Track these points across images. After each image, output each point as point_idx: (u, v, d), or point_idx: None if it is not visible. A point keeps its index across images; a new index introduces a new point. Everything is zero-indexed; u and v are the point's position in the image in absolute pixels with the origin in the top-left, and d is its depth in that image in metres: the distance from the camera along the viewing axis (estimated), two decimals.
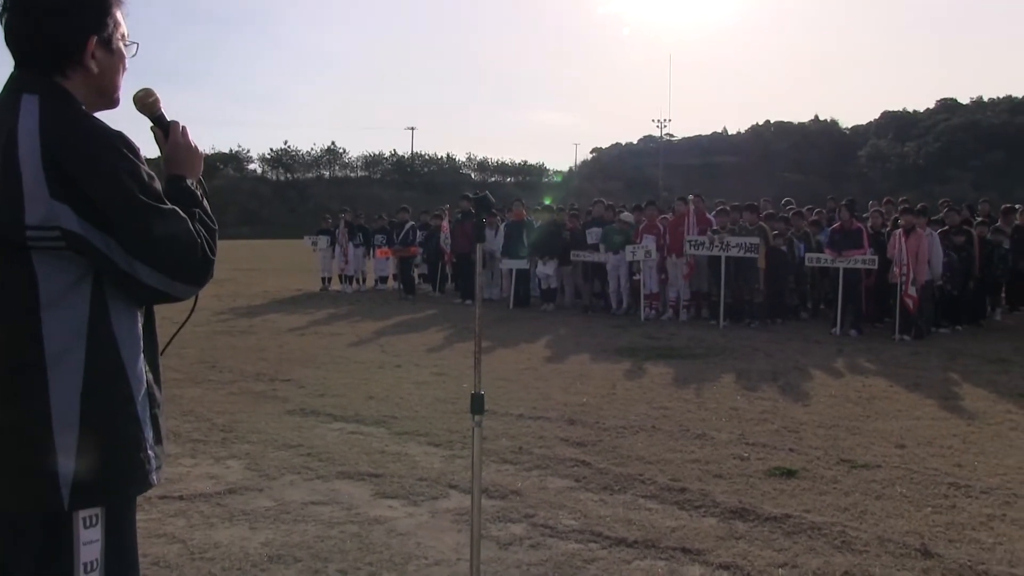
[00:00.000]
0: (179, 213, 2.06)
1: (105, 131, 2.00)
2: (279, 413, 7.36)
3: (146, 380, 2.10)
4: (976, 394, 8.33)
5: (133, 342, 2.07)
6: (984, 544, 4.46)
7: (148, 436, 2.09)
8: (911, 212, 12.46)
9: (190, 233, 2.06)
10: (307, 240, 21.99)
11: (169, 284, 2.05)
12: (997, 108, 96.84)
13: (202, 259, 2.09)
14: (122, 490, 2.06)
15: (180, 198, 2.15)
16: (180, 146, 2.28)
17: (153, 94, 2.30)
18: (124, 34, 2.19)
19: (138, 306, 2.10)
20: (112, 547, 2.04)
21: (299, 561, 4.18)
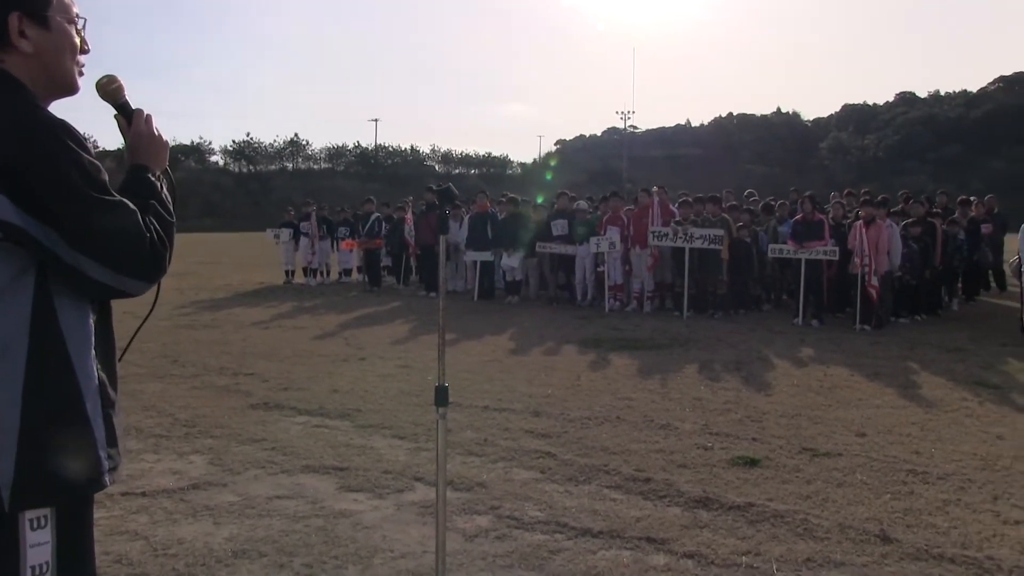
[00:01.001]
0: (127, 205, 1.98)
1: (46, 120, 1.92)
2: (243, 407, 7.31)
3: (97, 378, 2.01)
4: (934, 382, 8.46)
5: (83, 338, 1.99)
6: (940, 528, 4.54)
7: (99, 436, 2.00)
8: (871, 204, 12.63)
9: (138, 226, 1.99)
10: (269, 233, 21.82)
11: (116, 279, 1.97)
12: (953, 102, 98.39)
13: (151, 253, 2.02)
14: (70, 491, 1.97)
15: (138, 189, 2.09)
16: (143, 135, 2.22)
17: (116, 80, 2.23)
18: (71, 13, 2.09)
19: (88, 301, 2.02)
20: (65, 549, 1.96)
21: (264, 556, 4.15)
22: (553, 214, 15.84)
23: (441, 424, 3.34)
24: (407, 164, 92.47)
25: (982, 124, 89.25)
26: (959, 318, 13.81)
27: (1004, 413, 7.21)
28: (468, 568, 4.03)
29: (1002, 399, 7.74)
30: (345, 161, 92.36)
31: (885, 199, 13.91)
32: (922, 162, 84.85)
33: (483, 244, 16.15)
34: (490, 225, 16.30)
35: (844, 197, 15.86)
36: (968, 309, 15.06)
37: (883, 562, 4.10)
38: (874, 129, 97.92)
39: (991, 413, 7.20)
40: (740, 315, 13.62)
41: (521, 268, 16.10)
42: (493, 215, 16.78)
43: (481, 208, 16.83)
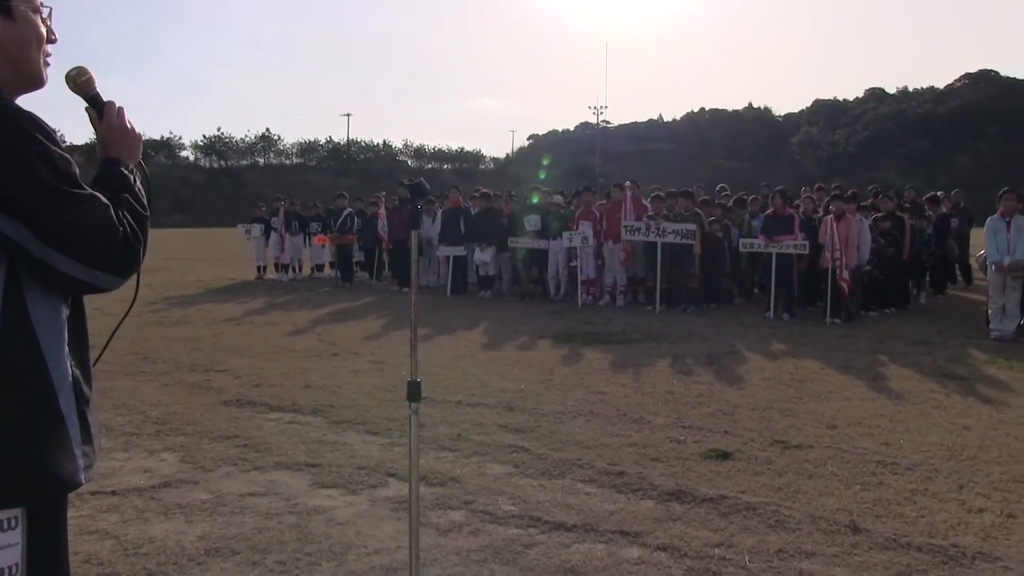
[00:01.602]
0: (99, 199, 1.95)
1: (13, 112, 1.87)
2: (214, 404, 7.27)
3: (72, 374, 1.97)
4: (903, 375, 8.56)
5: (55, 334, 1.95)
6: (908, 518, 4.61)
7: (74, 434, 1.96)
8: (841, 198, 12.74)
9: (110, 220, 1.95)
10: (240, 228, 21.67)
11: (88, 273, 1.93)
12: (921, 98, 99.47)
13: (124, 247, 1.98)
14: (43, 490, 1.92)
15: (110, 182, 2.05)
16: (115, 128, 2.18)
17: (86, 72, 2.19)
18: (36, 2, 2.04)
19: (60, 297, 1.98)
20: (37, 550, 1.91)
21: (237, 554, 4.14)
22: (526, 209, 15.85)
23: (414, 419, 3.34)
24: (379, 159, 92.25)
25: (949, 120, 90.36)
26: (927, 311, 13.97)
27: (969, 404, 7.31)
28: (442, 563, 4.04)
29: (968, 390, 7.85)
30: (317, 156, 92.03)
31: (855, 194, 14.03)
32: (891, 157, 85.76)
33: (456, 239, 16.14)
34: (463, 220, 16.29)
35: (814, 192, 16.01)
36: (936, 302, 15.24)
37: (853, 552, 4.15)
38: (844, 124, 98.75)
39: (957, 404, 7.30)
40: (712, 309, 13.70)
41: (494, 263, 16.10)
42: (466, 210, 16.77)
43: (454, 203, 16.83)
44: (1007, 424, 6.63)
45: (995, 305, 11.07)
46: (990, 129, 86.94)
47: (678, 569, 3.97)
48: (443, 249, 16.52)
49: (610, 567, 3.99)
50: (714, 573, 3.92)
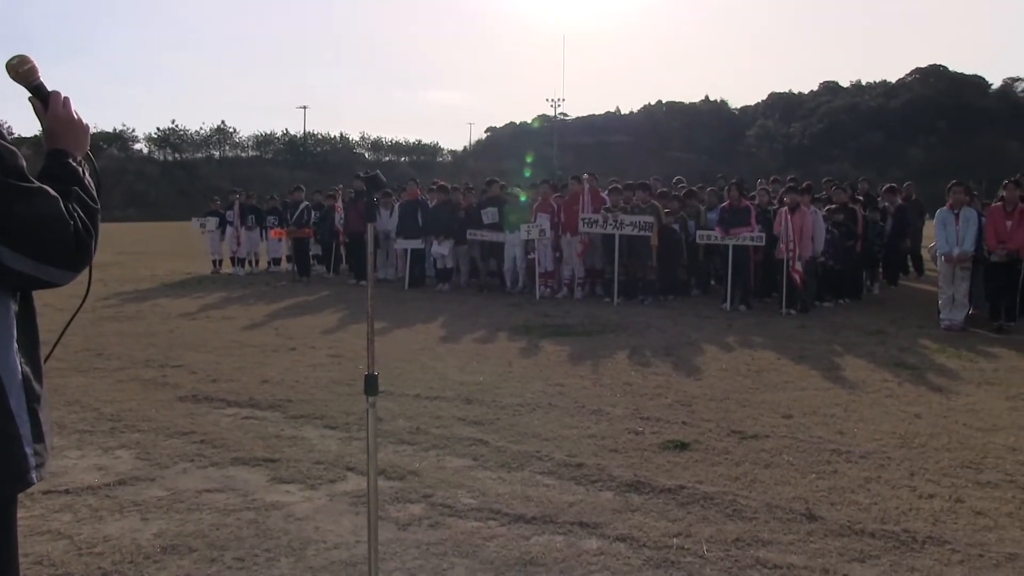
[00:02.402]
0: (48, 192, 1.91)
1: None
2: (170, 400, 7.18)
3: (21, 372, 1.94)
4: (856, 364, 8.69)
5: (3, 331, 1.91)
6: (861, 505, 4.69)
7: (24, 432, 1.93)
8: (795, 190, 12.89)
9: (60, 213, 1.91)
10: (195, 222, 21.39)
11: (37, 268, 1.89)
12: (874, 92, 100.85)
13: (75, 241, 1.94)
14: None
15: (59, 174, 2.01)
16: (61, 119, 2.13)
17: (29, 61, 2.14)
18: None
19: (9, 293, 1.93)
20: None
21: (194, 551, 4.10)
22: (483, 201, 15.84)
23: (371, 413, 3.33)
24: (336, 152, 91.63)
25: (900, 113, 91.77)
26: (880, 302, 14.20)
27: (921, 393, 7.45)
28: (402, 557, 4.04)
29: (919, 379, 7.99)
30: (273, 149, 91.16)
31: (809, 186, 14.20)
32: (845, 150, 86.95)
33: (413, 232, 16.09)
34: (420, 213, 16.23)
35: (770, 184, 16.16)
36: (889, 293, 15.50)
37: (808, 539, 4.22)
38: (800, 117, 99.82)
39: (909, 393, 7.44)
40: (669, 301, 13.79)
41: (451, 256, 16.07)
42: (423, 203, 16.72)
43: (411, 196, 16.76)
44: (956, 412, 6.77)
45: (945, 295, 11.28)
46: (940, 123, 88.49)
47: (637, 559, 4.00)
48: (400, 242, 16.46)
49: (569, 558, 4.01)
50: (672, 563, 3.96)
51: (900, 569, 3.89)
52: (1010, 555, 4.04)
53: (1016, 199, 10.97)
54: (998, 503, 4.74)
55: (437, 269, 16.35)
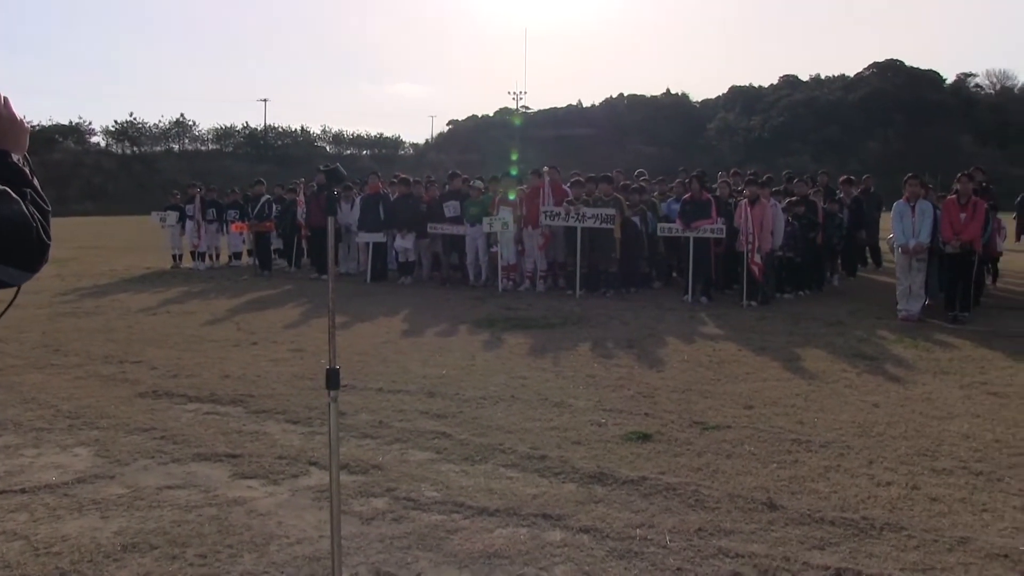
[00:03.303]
0: (10, 194, 1.88)
1: None
2: (130, 396, 7.11)
3: None
4: (816, 355, 8.81)
5: None
6: (821, 494, 4.76)
7: None
8: (755, 183, 13.00)
9: (23, 215, 1.89)
10: (155, 216, 21.13)
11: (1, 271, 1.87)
12: (833, 86, 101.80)
13: (37, 242, 1.92)
14: None
15: (10, 176, 1.97)
16: (3, 118, 2.07)
17: None
18: None
19: None
20: None
21: (156, 548, 4.06)
22: (446, 194, 15.80)
23: (333, 407, 3.32)
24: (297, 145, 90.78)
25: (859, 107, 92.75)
26: (839, 293, 14.37)
27: (879, 383, 7.57)
28: (366, 551, 4.03)
29: (877, 370, 8.12)
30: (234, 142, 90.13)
31: (769, 179, 14.34)
32: (804, 143, 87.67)
33: (375, 225, 16.02)
34: (382, 206, 16.16)
35: (731, 177, 16.28)
36: (848, 285, 15.70)
37: (770, 528, 4.27)
38: (760, 111, 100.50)
39: (868, 383, 7.55)
40: (631, 293, 13.87)
41: (414, 249, 16.03)
42: (385, 196, 16.65)
43: (373, 189, 16.68)
44: (913, 401, 6.89)
45: (902, 286, 11.45)
46: (896, 117, 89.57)
47: (600, 550, 4.03)
48: (362, 236, 16.37)
49: (533, 550, 4.03)
50: (636, 554, 3.99)
51: (859, 555, 3.95)
52: (962, 539, 4.13)
53: (969, 192, 11.16)
54: (952, 489, 4.84)
55: (399, 262, 16.30)
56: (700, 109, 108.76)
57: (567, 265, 14.50)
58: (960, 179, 11.44)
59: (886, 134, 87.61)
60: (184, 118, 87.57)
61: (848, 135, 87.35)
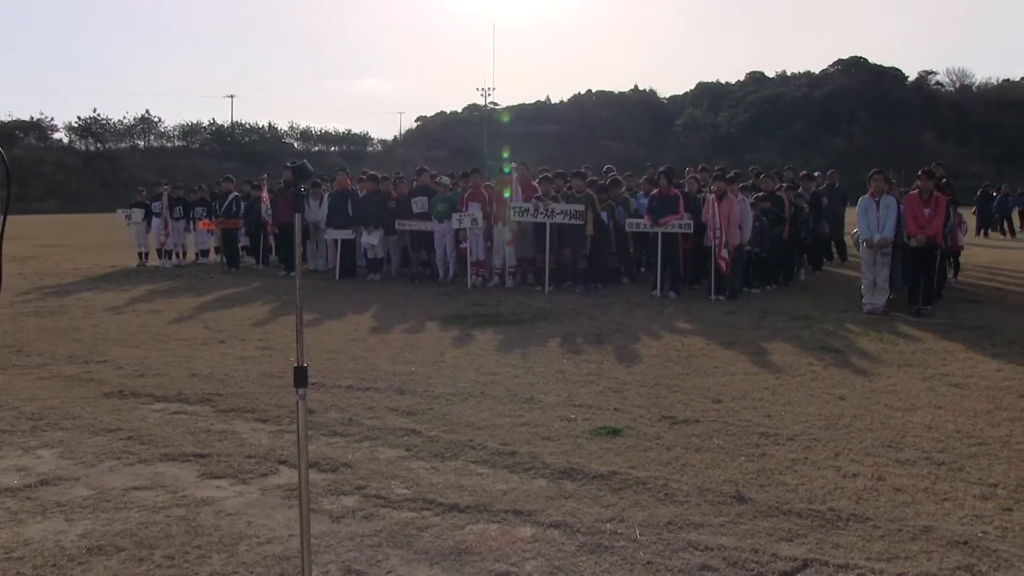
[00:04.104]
0: None
1: None
2: (95, 396, 7.02)
3: None
4: (783, 349, 8.89)
5: None
6: (789, 486, 4.81)
7: None
8: (722, 179, 13.08)
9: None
10: (120, 214, 20.90)
11: None
12: (799, 82, 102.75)
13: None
14: None
15: None
16: None
17: None
18: None
19: None
20: None
21: (122, 551, 4.02)
22: (413, 191, 15.77)
23: (301, 405, 3.30)
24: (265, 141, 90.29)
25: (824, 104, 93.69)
26: (806, 288, 14.52)
27: (845, 375, 7.65)
28: (336, 549, 4.01)
29: (843, 362, 8.21)
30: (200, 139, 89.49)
31: (737, 174, 14.44)
32: (770, 139, 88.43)
33: (343, 222, 15.96)
34: (350, 203, 16.10)
35: (698, 172, 16.36)
36: (814, 279, 15.86)
37: (738, 521, 4.30)
38: (727, 107, 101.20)
39: (834, 376, 7.63)
40: (600, 289, 13.91)
41: (382, 246, 15.98)
42: (354, 192, 16.60)
43: (341, 186, 16.62)
44: (878, 393, 6.97)
45: (867, 280, 11.58)
46: (860, 113, 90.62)
47: (571, 545, 4.04)
48: (331, 232, 16.32)
49: (504, 546, 4.03)
50: (606, 548, 4.01)
51: (825, 546, 4.00)
52: (925, 528, 4.20)
53: (931, 188, 11.32)
54: (916, 479, 4.91)
55: (368, 259, 16.25)
56: (668, 105, 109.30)
57: (536, 261, 14.52)
58: (921, 175, 11.59)
59: (851, 130, 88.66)
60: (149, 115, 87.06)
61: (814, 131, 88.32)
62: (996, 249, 23.38)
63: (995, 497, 4.65)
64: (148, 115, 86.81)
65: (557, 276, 13.90)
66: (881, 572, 3.73)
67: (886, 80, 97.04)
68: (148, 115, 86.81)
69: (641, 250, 15.08)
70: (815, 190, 16.83)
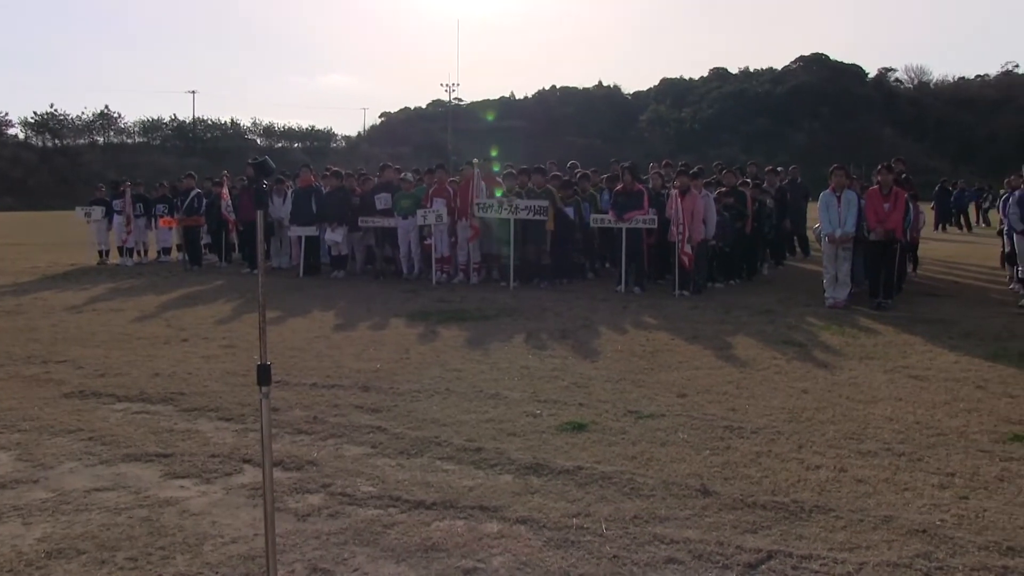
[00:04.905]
0: None
1: None
2: (55, 397, 6.92)
3: None
4: (747, 343, 8.96)
5: None
6: (753, 478, 4.85)
7: None
8: (686, 174, 13.15)
9: None
10: (79, 211, 20.60)
11: None
12: (762, 79, 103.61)
13: None
14: None
15: None
16: None
17: None
18: None
19: None
20: None
21: (83, 553, 3.96)
22: (378, 187, 15.70)
23: (265, 403, 3.28)
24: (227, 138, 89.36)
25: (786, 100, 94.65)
26: (769, 282, 14.65)
27: (808, 369, 7.74)
28: (302, 548, 3.99)
29: (806, 356, 8.30)
30: (161, 135, 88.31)
31: (700, 169, 14.53)
32: (734, 134, 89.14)
33: (307, 219, 15.86)
34: (314, 199, 16.01)
35: (663, 168, 16.44)
36: (777, 273, 16.02)
37: (704, 514, 4.34)
38: (690, 103, 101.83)
39: (797, 369, 7.72)
40: (564, 284, 13.94)
41: (346, 242, 15.91)
42: (317, 189, 16.50)
43: (305, 182, 16.51)
44: (840, 386, 7.06)
45: (828, 274, 11.72)
46: (822, 109, 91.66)
47: (537, 540, 4.05)
48: (294, 229, 16.21)
49: (471, 542, 4.03)
50: (573, 543, 4.02)
51: (789, 537, 4.04)
52: (886, 517, 4.26)
53: (890, 182, 11.47)
54: (877, 470, 4.98)
55: (332, 256, 16.17)
56: (632, 101, 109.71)
57: (500, 257, 14.52)
58: (881, 170, 11.75)
59: (813, 126, 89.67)
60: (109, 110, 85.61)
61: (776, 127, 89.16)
62: (954, 243, 23.75)
63: (952, 486, 4.73)
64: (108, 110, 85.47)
65: (522, 272, 13.91)
66: (843, 562, 3.77)
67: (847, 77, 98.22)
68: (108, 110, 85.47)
69: (606, 246, 15.12)
70: (779, 185, 16.99)
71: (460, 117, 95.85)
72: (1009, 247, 13.15)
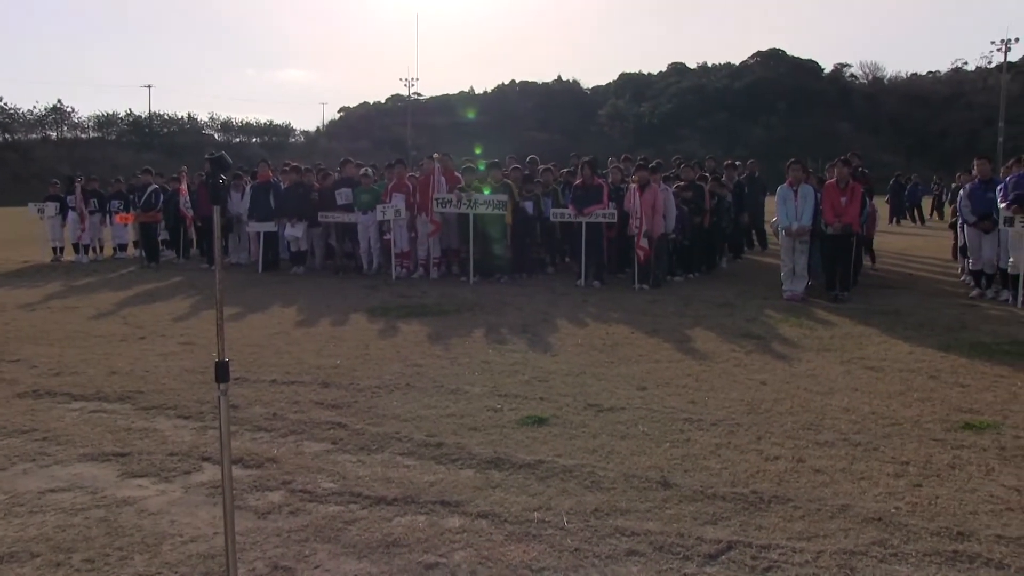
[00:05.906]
0: None
1: None
2: (7, 397, 6.80)
3: None
4: (707, 336, 9.04)
5: None
6: (713, 470, 4.90)
7: None
8: (644, 168, 13.22)
9: None
10: (32, 208, 20.22)
11: None
12: (720, 74, 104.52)
13: None
14: None
15: None
16: None
17: None
18: None
19: None
20: None
21: (37, 556, 3.90)
22: (337, 182, 15.61)
23: (223, 401, 3.25)
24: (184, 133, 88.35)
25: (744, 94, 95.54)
26: (728, 275, 14.78)
27: (766, 361, 7.82)
28: (262, 546, 3.97)
29: (764, 348, 8.39)
30: (116, 130, 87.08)
31: (659, 164, 14.61)
32: (693, 129, 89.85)
33: (266, 214, 15.72)
34: (273, 195, 15.87)
35: (622, 162, 16.51)
36: (735, 266, 16.17)
37: (664, 506, 4.37)
38: (650, 97, 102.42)
39: (756, 362, 7.80)
40: (524, 279, 13.97)
41: (305, 238, 15.80)
42: (276, 184, 16.35)
43: (263, 177, 16.37)
44: (798, 378, 7.15)
45: (786, 268, 11.85)
46: (779, 104, 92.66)
47: (499, 535, 4.06)
48: (253, 225, 16.05)
49: (432, 537, 4.03)
50: (534, 536, 4.04)
51: (748, 528, 4.09)
52: (843, 506, 4.33)
53: (847, 176, 11.61)
54: (834, 460, 5.05)
55: (291, 252, 16.06)
56: (591, 96, 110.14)
57: (460, 252, 14.50)
58: (838, 164, 11.90)
59: (770, 121, 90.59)
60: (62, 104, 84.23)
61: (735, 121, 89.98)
62: (907, 236, 24.13)
63: (907, 474, 4.82)
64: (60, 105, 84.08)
65: (483, 267, 13.90)
66: (801, 551, 3.83)
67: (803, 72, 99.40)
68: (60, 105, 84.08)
69: (566, 240, 15.16)
70: (737, 179, 17.14)
71: (419, 112, 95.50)
72: (961, 240, 13.38)
